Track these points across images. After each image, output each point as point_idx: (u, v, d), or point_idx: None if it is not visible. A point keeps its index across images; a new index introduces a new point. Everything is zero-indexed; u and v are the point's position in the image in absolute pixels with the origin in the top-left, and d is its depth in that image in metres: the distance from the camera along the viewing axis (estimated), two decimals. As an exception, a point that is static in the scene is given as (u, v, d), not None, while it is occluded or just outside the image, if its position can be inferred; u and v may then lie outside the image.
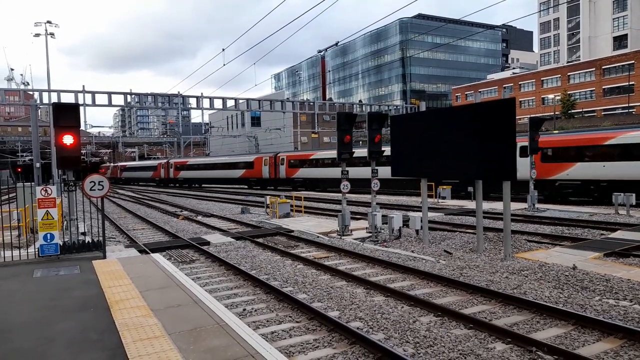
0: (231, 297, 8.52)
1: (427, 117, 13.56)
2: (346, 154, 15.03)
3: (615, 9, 78.94)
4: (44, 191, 10.68)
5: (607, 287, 8.14)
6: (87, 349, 5.34)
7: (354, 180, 18.15)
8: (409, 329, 6.53)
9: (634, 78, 61.08)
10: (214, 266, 11.21)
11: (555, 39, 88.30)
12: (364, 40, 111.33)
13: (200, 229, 17.90)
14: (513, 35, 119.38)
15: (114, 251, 12.38)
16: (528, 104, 74.43)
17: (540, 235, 13.98)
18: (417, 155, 12.92)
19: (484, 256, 11.04)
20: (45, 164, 38.97)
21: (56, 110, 11.25)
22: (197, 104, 44.14)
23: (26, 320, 6.45)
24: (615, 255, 10.76)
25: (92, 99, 38.86)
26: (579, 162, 22.05)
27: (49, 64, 38.11)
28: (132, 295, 7.58)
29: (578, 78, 68.73)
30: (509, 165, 10.18)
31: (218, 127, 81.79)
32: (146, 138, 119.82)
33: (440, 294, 8.28)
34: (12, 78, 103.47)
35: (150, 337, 5.68)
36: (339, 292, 8.45)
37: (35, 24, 36.91)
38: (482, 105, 11.61)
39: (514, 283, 8.61)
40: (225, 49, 31.16)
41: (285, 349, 6.01)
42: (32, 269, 9.69)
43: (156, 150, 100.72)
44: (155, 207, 28.86)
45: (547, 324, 6.68)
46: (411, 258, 11.20)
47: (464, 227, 15.88)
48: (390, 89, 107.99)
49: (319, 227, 16.50)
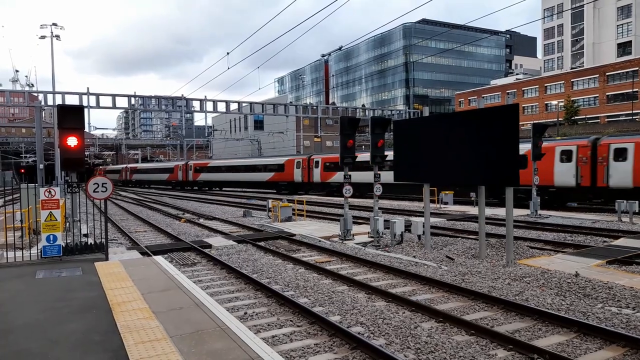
0: (232, 300, 8.53)
1: (430, 122, 13.57)
2: (349, 158, 15.03)
3: (620, 15, 78.92)
4: (48, 192, 10.72)
5: (609, 294, 8.11)
6: (90, 351, 5.35)
7: (356, 184, 18.13)
8: (411, 334, 6.52)
9: (638, 85, 60.99)
10: (215, 269, 11.22)
11: (559, 45, 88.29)
12: (367, 45, 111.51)
13: (202, 232, 17.92)
14: (517, 41, 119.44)
15: (116, 253, 12.40)
16: (531, 110, 74.36)
17: (543, 242, 13.94)
18: (419, 160, 12.92)
19: (486, 262, 11.01)
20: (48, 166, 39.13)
21: (61, 112, 11.29)
22: (201, 107, 44.30)
23: (29, 321, 6.47)
24: (618, 262, 10.73)
25: (96, 101, 39.06)
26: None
27: (53, 66, 38.36)
28: (134, 297, 7.59)
29: (582, 84, 68.67)
30: (511, 171, 10.17)
31: (221, 130, 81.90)
32: (149, 140, 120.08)
33: (442, 300, 8.27)
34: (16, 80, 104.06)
35: (152, 339, 5.69)
36: (341, 297, 8.44)
37: (41, 26, 37.12)
38: (485, 111, 11.62)
39: (516, 289, 8.59)
40: (230, 53, 31.32)
41: (286, 353, 6.01)
42: (35, 270, 9.71)
43: (159, 153, 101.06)
44: (158, 210, 28.91)
45: (549, 331, 6.66)
46: (413, 263, 11.18)
47: (466, 233, 15.85)
48: (393, 93, 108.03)
49: (320, 231, 16.50)
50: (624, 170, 20.73)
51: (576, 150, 22.37)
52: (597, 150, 21.77)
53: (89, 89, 37.90)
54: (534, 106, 74.58)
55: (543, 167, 21.59)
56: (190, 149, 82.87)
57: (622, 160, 20.84)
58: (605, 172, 20.90)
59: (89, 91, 38.05)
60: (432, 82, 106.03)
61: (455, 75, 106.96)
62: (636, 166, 20.46)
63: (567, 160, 22.58)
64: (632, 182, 20.47)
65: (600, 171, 21.36)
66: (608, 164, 20.91)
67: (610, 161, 20.96)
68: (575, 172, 22.11)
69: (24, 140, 77.42)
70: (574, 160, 22.28)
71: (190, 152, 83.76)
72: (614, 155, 21.01)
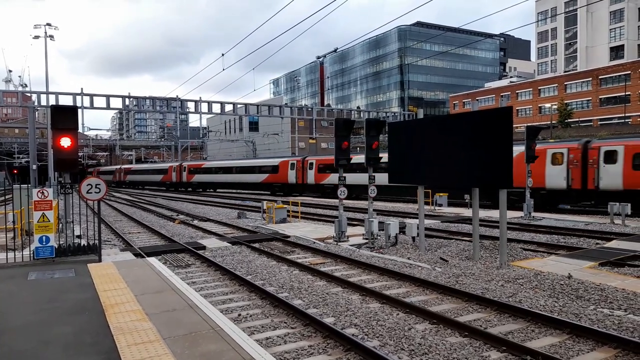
0: (226, 302, 8.50)
1: (425, 125, 13.62)
2: (344, 160, 15.05)
3: (613, 19, 79.64)
4: (41, 193, 10.65)
5: (601, 296, 8.16)
6: (82, 353, 5.32)
7: (350, 186, 18.17)
8: (404, 336, 6.53)
9: (631, 88, 61.53)
10: (209, 271, 11.18)
11: (553, 48, 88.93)
12: (362, 47, 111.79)
13: (197, 234, 17.86)
14: (511, 44, 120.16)
15: (110, 254, 12.33)
16: (525, 113, 74.82)
17: (536, 244, 14.01)
18: (414, 162, 12.96)
19: (479, 264, 11.05)
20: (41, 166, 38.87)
21: (54, 112, 11.24)
22: (196, 108, 44.15)
23: (21, 323, 6.42)
24: (611, 264, 10.80)
25: (90, 101, 38.83)
26: None
27: (47, 66, 38.14)
28: (127, 299, 7.55)
29: (575, 87, 69.20)
30: (505, 174, 10.22)
31: (216, 132, 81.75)
32: (144, 141, 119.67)
33: (435, 302, 8.29)
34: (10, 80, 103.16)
35: (145, 341, 5.66)
36: (335, 299, 8.44)
37: (34, 26, 36.96)
38: (479, 113, 11.68)
39: (509, 291, 8.63)
40: (225, 54, 31.30)
41: (280, 355, 6.00)
42: (27, 272, 9.64)
43: (153, 154, 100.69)
44: (152, 211, 28.79)
45: (542, 333, 6.69)
46: (407, 265, 11.20)
47: (460, 235, 15.90)
48: (388, 95, 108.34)
49: (315, 233, 16.50)
50: (614, 173, 20.94)
51: (567, 153, 22.53)
52: (587, 153, 21.96)
53: (82, 89, 37.67)
54: (527, 109, 75.05)
55: (535, 170, 21.72)
56: (184, 150, 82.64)
57: (612, 163, 21.04)
58: (596, 175, 21.06)
59: (82, 92, 37.83)
60: (426, 85, 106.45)
61: (450, 77, 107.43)
62: (626, 169, 20.67)
63: (558, 163, 22.75)
64: (622, 184, 20.67)
65: (590, 174, 21.53)
66: (598, 166, 21.07)
67: (601, 164, 21.13)
68: (566, 175, 22.29)
69: (17, 140, 76.95)
70: (565, 163, 22.46)
71: (185, 153, 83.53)
72: (604, 158, 21.20)
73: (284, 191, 42.44)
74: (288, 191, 42.11)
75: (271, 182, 43.82)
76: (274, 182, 43.51)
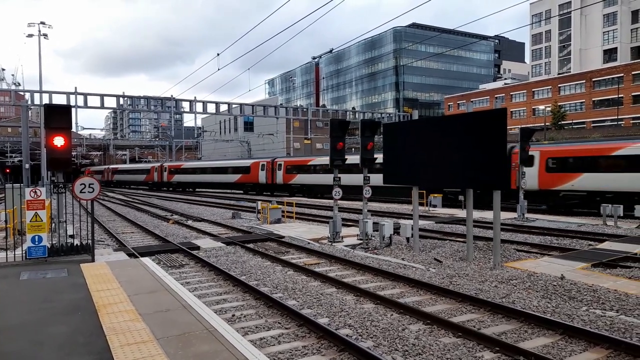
0: (220, 302, 8.48)
1: (420, 126, 13.64)
2: (339, 160, 15.06)
3: (606, 22, 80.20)
4: (33, 193, 10.58)
5: (594, 297, 8.21)
6: (75, 353, 5.29)
7: (346, 187, 18.19)
8: (398, 336, 6.54)
9: (623, 91, 62.02)
10: (203, 271, 11.15)
11: (547, 50, 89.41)
12: (358, 48, 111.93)
13: (191, 234, 17.81)
14: (505, 46, 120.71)
15: (103, 254, 12.26)
16: (519, 115, 75.18)
17: (529, 245, 14.09)
18: (409, 163, 12.99)
19: (473, 265, 11.09)
20: (34, 165, 38.61)
21: (48, 111, 11.16)
22: (190, 108, 44.05)
23: (13, 323, 6.37)
24: (603, 265, 10.88)
25: (84, 100, 38.64)
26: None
27: (41, 65, 37.84)
28: (120, 299, 7.51)
29: (568, 90, 69.64)
30: (499, 175, 10.27)
31: (211, 132, 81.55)
32: (138, 141, 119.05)
33: (429, 302, 8.31)
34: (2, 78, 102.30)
35: (138, 341, 5.64)
36: (329, 299, 8.44)
37: (28, 24, 36.65)
38: (474, 114, 11.72)
39: (502, 292, 8.66)
40: (220, 54, 31.23)
41: (274, 355, 5.99)
42: (19, 272, 9.57)
43: (148, 154, 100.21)
44: (145, 211, 28.66)
45: (534, 334, 6.72)
46: (401, 266, 11.22)
47: (454, 236, 15.95)
48: (383, 96, 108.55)
49: (309, 234, 16.50)
50: (530, 175, 22.58)
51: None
52: (511, 157, 23.22)
53: (76, 88, 37.45)
54: (521, 111, 75.42)
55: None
56: (179, 150, 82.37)
57: (530, 166, 22.87)
58: (518, 177, 21.58)
59: (76, 91, 37.62)
60: (421, 86, 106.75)
61: (445, 79, 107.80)
62: (540, 171, 23.40)
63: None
64: (538, 185, 23.26)
65: (513, 176, 22.42)
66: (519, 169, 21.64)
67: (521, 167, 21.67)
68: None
69: (9, 139, 76.23)
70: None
71: (180, 153, 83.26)
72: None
73: (255, 190, 44.81)
74: (260, 191, 44.43)
75: (244, 182, 46.24)
76: (246, 182, 45.91)
